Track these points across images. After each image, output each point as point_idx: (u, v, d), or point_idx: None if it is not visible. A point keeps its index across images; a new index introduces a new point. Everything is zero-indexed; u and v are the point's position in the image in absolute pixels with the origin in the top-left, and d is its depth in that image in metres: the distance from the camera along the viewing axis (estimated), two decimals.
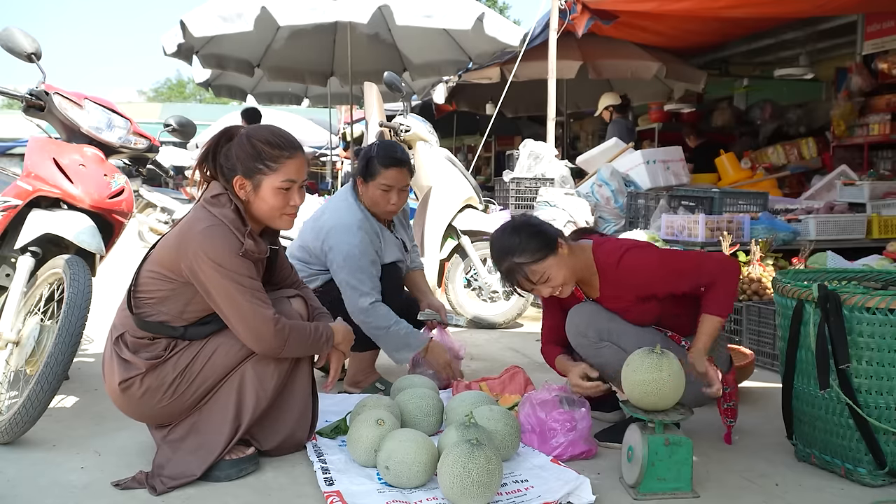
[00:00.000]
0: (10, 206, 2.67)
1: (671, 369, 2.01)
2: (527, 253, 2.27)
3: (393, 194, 2.95)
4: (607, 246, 2.39)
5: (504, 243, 2.32)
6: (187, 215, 2.22)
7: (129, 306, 2.17)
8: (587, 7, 6.14)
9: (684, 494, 2.01)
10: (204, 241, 2.08)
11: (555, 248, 2.29)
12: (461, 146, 13.71)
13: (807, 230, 4.53)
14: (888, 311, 2.00)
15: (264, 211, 2.19)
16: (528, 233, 2.30)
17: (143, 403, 2.15)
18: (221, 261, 2.07)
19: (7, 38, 2.76)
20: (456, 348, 3.14)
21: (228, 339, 2.17)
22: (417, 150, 4.26)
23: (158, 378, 2.13)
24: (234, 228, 2.12)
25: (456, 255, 4.42)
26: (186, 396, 2.15)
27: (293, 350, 2.20)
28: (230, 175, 2.17)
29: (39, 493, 2.03)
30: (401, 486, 2.04)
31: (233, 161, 2.17)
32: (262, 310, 2.11)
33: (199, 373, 2.15)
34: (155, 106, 24.87)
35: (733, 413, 2.36)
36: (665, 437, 1.99)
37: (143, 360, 2.13)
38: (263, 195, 2.17)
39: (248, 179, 2.16)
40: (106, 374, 2.20)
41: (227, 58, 7.40)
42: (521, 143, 6.06)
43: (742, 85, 9.52)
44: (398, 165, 2.94)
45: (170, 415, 2.18)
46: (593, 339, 2.38)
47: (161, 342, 2.16)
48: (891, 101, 6.82)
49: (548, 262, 2.28)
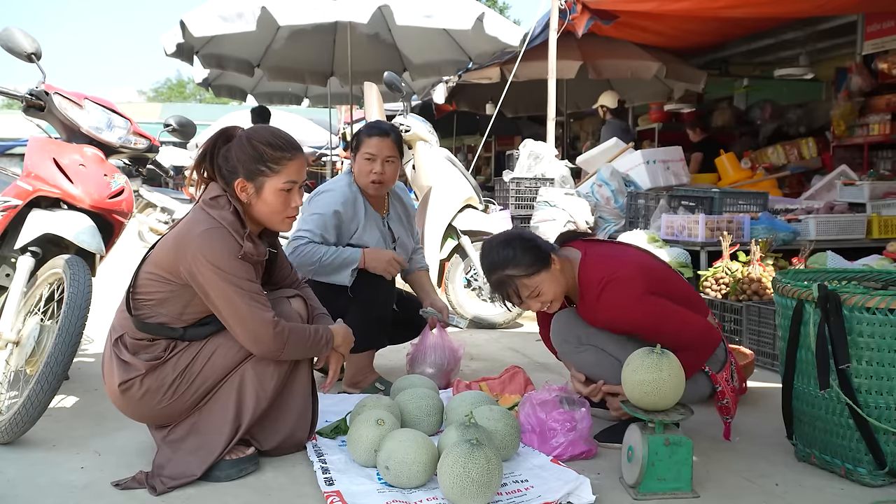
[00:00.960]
0: (10, 206, 2.67)
1: (671, 369, 2.01)
2: (520, 266, 2.26)
3: (376, 164, 2.99)
4: (592, 272, 2.28)
5: (497, 255, 2.30)
6: (185, 217, 2.21)
7: (128, 308, 2.17)
8: (587, 7, 6.14)
9: (684, 494, 2.01)
10: (203, 244, 2.07)
11: (548, 263, 2.28)
12: (461, 146, 13.71)
13: (807, 230, 4.53)
14: (888, 311, 2.00)
15: (265, 213, 2.19)
16: (522, 246, 2.28)
17: (143, 404, 2.15)
18: (220, 264, 2.06)
19: (7, 38, 2.76)
20: (455, 348, 3.14)
21: (228, 339, 2.17)
22: (417, 150, 4.26)
23: (158, 379, 2.13)
24: (233, 231, 2.12)
25: (456, 255, 4.43)
26: (186, 397, 2.15)
27: (292, 353, 2.19)
28: (231, 178, 2.17)
29: (39, 493, 2.03)
30: (401, 486, 2.04)
31: (233, 163, 2.16)
32: (260, 313, 2.10)
33: (199, 373, 2.15)
34: (155, 106, 24.86)
35: (728, 411, 2.35)
36: (665, 437, 1.99)
37: (142, 362, 2.13)
38: (265, 197, 2.16)
39: (250, 182, 2.16)
40: (105, 375, 2.20)
41: (227, 58, 7.40)
42: (521, 143, 6.06)
43: (742, 85, 9.51)
44: (381, 134, 3.02)
45: (169, 415, 2.17)
46: (574, 343, 2.40)
47: (160, 343, 2.16)
48: (891, 101, 6.82)
49: (540, 276, 2.27)
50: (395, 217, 3.21)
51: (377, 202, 3.13)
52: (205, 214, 2.14)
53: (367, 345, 2.96)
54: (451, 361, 3.12)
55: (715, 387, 2.31)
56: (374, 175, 3.00)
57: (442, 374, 3.08)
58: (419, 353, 3.10)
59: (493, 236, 2.40)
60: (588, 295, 2.28)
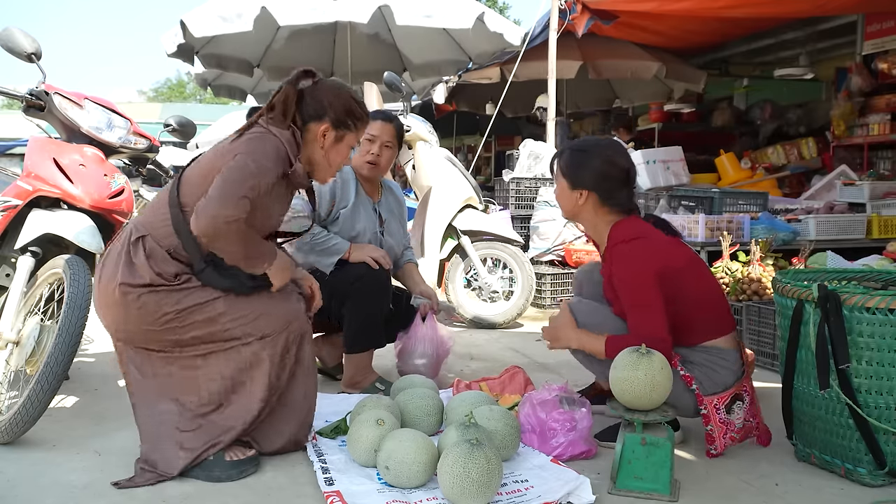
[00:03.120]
0: (10, 206, 2.67)
1: (649, 369, 1.99)
2: (565, 167, 2.37)
3: (375, 145, 3.09)
4: (625, 229, 2.33)
5: (577, 148, 2.39)
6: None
7: (178, 198, 2.12)
8: (587, 7, 6.15)
9: (660, 497, 1.99)
10: (251, 142, 2.10)
11: (577, 188, 2.34)
12: (461, 146, 13.71)
13: (807, 230, 4.53)
14: (888, 311, 2.00)
15: (327, 161, 2.30)
16: (584, 162, 2.34)
17: (126, 316, 2.09)
18: (256, 157, 2.05)
19: (7, 38, 2.76)
20: (444, 339, 3.15)
21: (234, 310, 2.13)
22: (417, 150, 4.26)
23: (156, 304, 2.07)
24: (289, 147, 2.15)
25: (456, 255, 4.42)
26: (168, 334, 2.10)
27: (229, 245, 2.06)
28: (316, 117, 2.23)
29: (39, 493, 2.03)
30: (401, 486, 2.04)
31: (325, 105, 2.23)
32: (235, 201, 1.98)
33: (192, 324, 2.10)
34: (155, 106, 24.83)
35: (711, 440, 2.25)
36: (642, 436, 2.00)
37: (150, 272, 2.08)
38: (340, 148, 2.29)
39: (336, 130, 2.25)
40: (105, 274, 2.13)
41: (227, 58, 7.40)
42: (521, 143, 6.06)
43: (742, 85, 9.51)
44: (384, 119, 3.12)
45: (149, 340, 2.12)
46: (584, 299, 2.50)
47: (174, 265, 2.11)
48: (891, 101, 6.82)
49: (563, 187, 2.38)
50: (387, 207, 3.25)
51: (370, 187, 3.18)
52: (262, 128, 2.15)
53: (367, 344, 2.97)
54: (440, 350, 3.14)
55: (699, 408, 2.24)
56: (370, 156, 3.08)
57: (432, 364, 3.11)
58: (408, 345, 3.12)
59: (611, 142, 2.49)
60: (610, 242, 2.34)
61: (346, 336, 2.98)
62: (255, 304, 2.17)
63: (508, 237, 4.43)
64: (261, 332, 2.15)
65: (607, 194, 2.34)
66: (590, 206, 2.36)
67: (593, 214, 2.38)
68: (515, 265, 4.43)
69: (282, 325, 2.18)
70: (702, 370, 2.27)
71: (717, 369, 2.28)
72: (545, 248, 5.22)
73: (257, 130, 2.16)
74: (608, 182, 2.33)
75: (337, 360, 3.27)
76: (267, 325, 2.16)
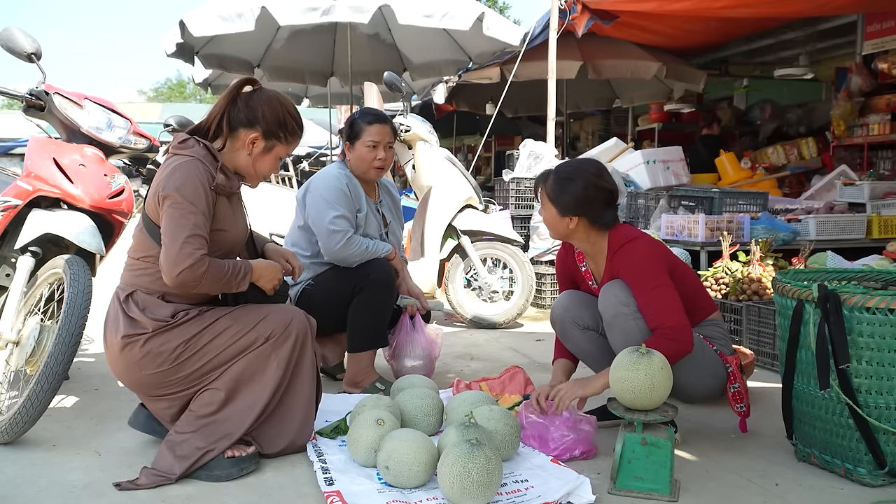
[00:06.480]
0: (10, 206, 2.67)
1: (650, 370, 2.00)
2: (555, 193, 2.38)
3: (380, 150, 3.05)
4: (624, 232, 2.42)
5: (563, 171, 2.41)
6: None
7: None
8: (587, 7, 6.14)
9: (660, 497, 2.00)
10: (170, 175, 2.12)
11: (568, 214, 2.37)
12: (461, 146, 13.71)
13: (807, 230, 4.53)
14: (888, 311, 2.00)
15: (255, 170, 2.28)
16: (570, 186, 2.36)
17: (140, 366, 2.15)
18: (180, 190, 2.09)
19: (7, 38, 2.76)
20: (433, 338, 3.16)
21: (238, 321, 2.19)
22: (417, 150, 4.26)
23: (161, 344, 2.13)
24: (206, 163, 2.16)
25: (456, 255, 4.42)
26: (185, 368, 2.14)
27: (209, 287, 2.15)
28: (249, 122, 2.22)
29: (39, 493, 2.03)
30: (401, 486, 2.04)
31: (257, 114, 2.22)
32: (188, 248, 2.06)
33: (203, 347, 2.15)
34: (155, 106, 24.82)
35: (740, 397, 2.38)
36: (642, 436, 2.00)
37: (150, 320, 2.13)
38: (268, 159, 2.28)
39: (266, 140, 2.24)
40: (108, 332, 2.20)
41: (227, 58, 7.40)
42: (521, 143, 6.06)
43: (742, 85, 9.51)
44: (381, 121, 3.08)
45: (161, 383, 2.16)
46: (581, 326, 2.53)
47: (169, 307, 2.17)
48: (891, 101, 6.81)
49: (552, 213, 2.40)
50: (387, 207, 3.26)
51: (369, 189, 3.17)
52: (176, 156, 2.18)
53: (372, 343, 2.98)
54: (432, 350, 3.15)
55: (726, 366, 2.36)
56: (378, 161, 3.05)
57: (429, 363, 3.13)
58: (399, 347, 3.12)
59: (594, 164, 2.49)
60: (612, 247, 2.40)
61: (351, 334, 2.98)
62: (255, 312, 2.24)
63: (508, 237, 4.43)
64: (266, 334, 2.20)
65: (597, 216, 2.40)
66: (581, 229, 2.42)
67: (585, 235, 2.45)
68: (515, 265, 4.43)
69: (282, 325, 2.23)
70: (713, 340, 2.43)
71: (722, 337, 2.46)
72: (545, 248, 5.22)
73: (172, 161, 2.18)
74: (596, 204, 2.39)
75: (340, 358, 3.27)
76: (268, 327, 2.21)
